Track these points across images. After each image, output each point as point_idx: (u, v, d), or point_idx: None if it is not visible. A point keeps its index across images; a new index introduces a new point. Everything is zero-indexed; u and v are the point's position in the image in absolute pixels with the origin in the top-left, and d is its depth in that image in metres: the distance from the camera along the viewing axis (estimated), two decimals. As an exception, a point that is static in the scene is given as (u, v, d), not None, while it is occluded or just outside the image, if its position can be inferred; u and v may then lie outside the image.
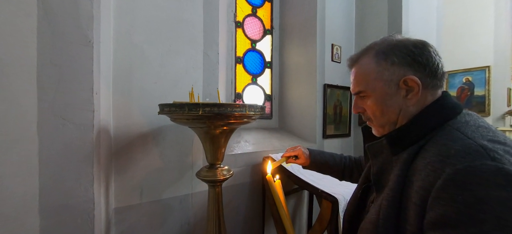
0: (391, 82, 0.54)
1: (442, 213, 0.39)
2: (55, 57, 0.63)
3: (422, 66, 0.52)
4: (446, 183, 0.40)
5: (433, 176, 0.42)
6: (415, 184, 0.45)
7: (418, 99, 0.53)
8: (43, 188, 0.62)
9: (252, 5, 1.93)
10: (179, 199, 1.18)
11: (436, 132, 0.49)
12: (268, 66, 2.03)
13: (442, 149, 0.44)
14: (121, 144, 1.00)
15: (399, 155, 0.52)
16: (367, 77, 0.57)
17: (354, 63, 0.61)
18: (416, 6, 1.98)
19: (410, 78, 0.52)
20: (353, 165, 0.97)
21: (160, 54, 1.10)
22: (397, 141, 0.53)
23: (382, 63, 0.54)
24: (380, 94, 0.55)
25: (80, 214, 0.66)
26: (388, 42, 0.56)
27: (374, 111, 0.58)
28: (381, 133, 0.60)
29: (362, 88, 0.59)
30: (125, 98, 1.01)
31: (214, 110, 0.73)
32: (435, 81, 0.53)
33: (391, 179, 0.51)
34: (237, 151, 1.46)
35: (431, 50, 0.53)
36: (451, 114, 0.51)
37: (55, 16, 0.63)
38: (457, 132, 0.46)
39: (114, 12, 0.97)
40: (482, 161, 0.39)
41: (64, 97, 0.64)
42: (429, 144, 0.48)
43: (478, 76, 3.81)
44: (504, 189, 0.36)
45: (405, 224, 0.46)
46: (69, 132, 0.64)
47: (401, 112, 0.54)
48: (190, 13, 1.20)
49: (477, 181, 0.38)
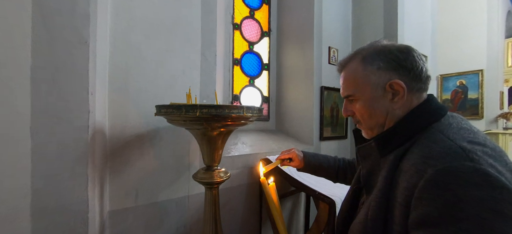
0: (378, 86, 0.56)
1: (424, 212, 0.41)
2: (50, 56, 0.62)
3: (406, 70, 0.54)
4: (427, 184, 0.41)
5: (416, 177, 0.44)
6: (400, 184, 0.47)
7: (404, 103, 0.55)
8: (35, 189, 0.60)
9: (249, 7, 1.93)
10: (175, 202, 1.17)
11: (421, 134, 0.51)
12: (265, 68, 2.04)
13: (425, 151, 0.46)
14: (117, 145, 0.99)
15: (386, 156, 0.54)
16: (355, 82, 0.59)
17: (343, 67, 0.63)
18: (412, 11, 2.01)
19: (395, 82, 0.54)
20: (347, 166, 0.98)
21: (157, 54, 1.10)
22: (384, 143, 0.55)
23: (369, 68, 0.57)
24: (368, 98, 0.57)
25: (74, 216, 0.64)
26: (374, 47, 0.58)
27: (362, 114, 0.60)
28: (370, 135, 0.62)
29: (350, 92, 0.61)
30: (121, 98, 1.00)
31: (211, 111, 0.73)
32: (420, 84, 0.55)
33: (379, 180, 0.52)
34: (234, 153, 1.45)
35: (415, 55, 0.55)
36: (436, 117, 0.52)
37: (50, 15, 0.62)
38: (440, 134, 0.48)
39: (111, 12, 0.96)
40: (461, 161, 0.41)
41: (59, 97, 0.63)
42: (414, 146, 0.50)
43: (471, 80, 3.89)
44: (481, 189, 0.38)
45: (392, 224, 0.47)
46: (63, 132, 0.63)
47: (388, 115, 0.56)
48: (187, 14, 1.20)
49: (456, 181, 0.40)
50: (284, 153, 1.01)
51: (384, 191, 0.50)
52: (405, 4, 1.92)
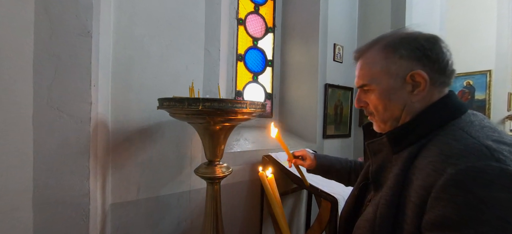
0: (398, 77, 0.52)
1: (441, 213, 0.38)
2: (53, 47, 0.62)
3: (431, 61, 0.50)
4: (447, 183, 0.39)
5: (434, 175, 0.41)
6: (415, 182, 0.44)
7: (423, 96, 0.51)
8: (37, 181, 0.60)
9: (254, 2, 1.91)
10: (177, 196, 1.17)
11: (439, 131, 0.48)
12: (269, 64, 2.02)
13: (445, 148, 0.43)
14: (119, 138, 0.99)
15: (399, 153, 0.51)
16: (372, 70, 0.55)
17: (361, 55, 0.58)
18: (420, 7, 1.96)
19: (417, 73, 0.50)
20: (359, 169, 0.93)
21: (160, 48, 1.09)
22: (398, 139, 0.51)
23: (390, 56, 0.52)
24: (385, 89, 0.53)
25: (75, 208, 0.64)
26: (398, 34, 0.54)
27: (376, 105, 0.56)
28: (382, 128, 0.59)
29: (366, 81, 0.56)
30: (124, 92, 0.99)
31: (214, 105, 0.72)
32: (443, 78, 0.51)
33: (390, 177, 0.50)
34: (236, 149, 1.44)
35: (443, 46, 0.51)
36: (456, 114, 0.49)
37: (53, 5, 0.62)
38: (461, 131, 0.45)
39: (114, 4, 0.95)
40: (486, 161, 0.38)
41: (61, 89, 0.63)
42: (431, 143, 0.47)
43: (479, 80, 3.80)
44: (508, 191, 0.36)
45: (403, 223, 0.45)
46: (65, 124, 0.63)
47: (405, 108, 0.53)
48: (192, 9, 1.18)
49: (480, 182, 0.37)
50: (296, 152, 0.98)
51: (396, 189, 0.47)
52: (413, 1, 1.87)
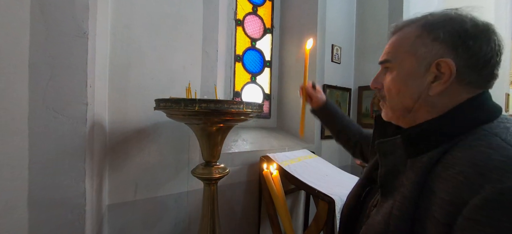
0: (423, 61, 0.44)
1: None
2: (48, 48, 0.62)
3: (469, 53, 0.42)
4: (486, 203, 0.33)
5: (467, 190, 0.35)
6: (438, 194, 0.38)
7: (443, 91, 0.43)
8: (32, 181, 0.60)
9: (252, 3, 1.91)
10: (175, 197, 1.17)
11: (467, 135, 0.41)
12: (267, 65, 2.02)
13: (479, 157, 0.36)
14: (116, 139, 0.99)
15: (416, 157, 0.43)
16: (400, 47, 0.48)
17: (398, 30, 0.51)
18: (418, 8, 1.97)
19: (445, 62, 0.42)
20: (364, 144, 0.86)
21: (158, 49, 1.09)
22: (416, 140, 0.44)
23: (424, 35, 0.45)
24: (405, 71, 0.47)
25: (71, 209, 0.64)
26: (445, 13, 0.46)
27: (390, 89, 0.49)
28: (389, 117, 0.53)
29: (389, 57, 0.50)
30: (122, 93, 0.99)
31: (210, 106, 0.72)
32: (476, 77, 0.43)
33: (404, 184, 0.43)
34: (234, 150, 1.44)
35: (494, 39, 0.42)
36: (488, 118, 0.42)
37: (49, 6, 0.62)
38: (497, 138, 0.38)
39: (111, 5, 0.95)
40: None
41: (57, 90, 0.63)
42: (457, 149, 0.40)
43: (477, 81, 3.82)
44: None
45: None
46: (60, 125, 0.63)
47: (419, 99, 0.46)
48: (189, 10, 1.19)
49: None
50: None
51: (412, 199, 0.41)
52: (411, 2, 1.88)
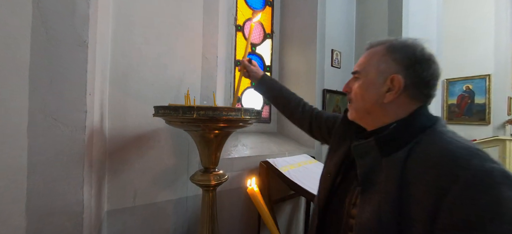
0: (382, 74, 0.57)
1: (465, 217, 0.41)
2: (49, 57, 0.63)
3: (415, 74, 0.54)
4: (465, 187, 0.42)
5: (446, 179, 0.44)
6: (419, 185, 0.47)
7: (393, 100, 0.56)
8: (31, 189, 0.61)
9: (253, 9, 1.93)
10: (174, 203, 1.17)
11: (422, 135, 0.52)
12: (267, 70, 2.03)
13: (447, 151, 0.46)
14: (116, 145, 0.99)
15: (389, 156, 0.53)
16: (369, 61, 0.60)
17: (370, 48, 0.63)
18: (417, 13, 1.98)
19: (397, 78, 0.55)
20: (312, 117, 0.95)
21: (158, 56, 1.10)
22: (387, 142, 0.54)
23: (387, 55, 0.57)
24: (369, 80, 0.59)
25: (69, 217, 0.65)
26: (403, 41, 0.58)
27: (357, 93, 0.62)
28: (353, 116, 0.65)
29: (359, 69, 0.62)
30: (122, 100, 1.00)
31: (208, 113, 0.72)
32: (418, 93, 0.56)
33: (384, 180, 0.51)
34: (234, 155, 1.44)
35: (433, 67, 0.55)
36: (432, 122, 0.55)
37: (50, 16, 0.63)
38: (446, 136, 0.50)
39: (112, 13, 0.97)
40: (488, 163, 0.43)
41: (56, 98, 0.63)
42: (421, 146, 0.51)
43: (478, 85, 3.81)
44: (511, 189, 0.40)
45: (409, 224, 0.47)
46: (59, 132, 0.63)
47: (376, 104, 0.58)
48: (189, 16, 1.20)
49: (493, 183, 0.41)
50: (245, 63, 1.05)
51: (396, 192, 0.49)
52: (410, 6, 1.89)
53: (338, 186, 0.67)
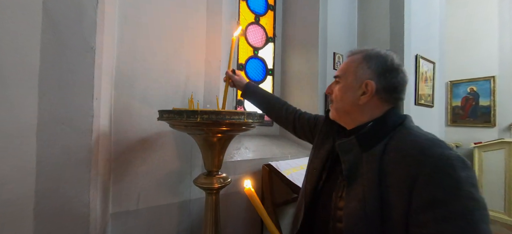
0: (359, 80, 0.65)
1: (431, 196, 0.49)
2: (57, 63, 0.64)
3: (385, 80, 0.63)
4: (430, 172, 0.50)
5: (416, 166, 0.51)
6: (395, 174, 0.54)
7: (367, 103, 0.64)
8: (39, 192, 0.62)
9: (255, 13, 1.95)
10: (177, 205, 1.17)
11: (394, 132, 0.60)
12: (270, 73, 2.04)
13: (415, 144, 0.55)
14: (121, 149, 1.01)
15: (369, 151, 0.60)
16: (348, 68, 0.69)
17: (350, 55, 0.72)
18: (419, 16, 1.98)
19: (370, 83, 0.63)
20: (303, 122, 1.02)
21: (162, 60, 1.12)
22: (367, 138, 0.61)
23: (363, 63, 0.66)
24: (347, 85, 0.67)
25: (75, 219, 0.66)
26: (378, 51, 0.67)
27: (337, 95, 0.70)
28: (334, 116, 0.73)
29: (340, 74, 0.71)
30: (126, 104, 1.02)
31: (212, 117, 0.73)
32: (388, 97, 0.65)
33: (366, 172, 0.58)
34: (237, 158, 1.45)
35: (400, 76, 0.65)
36: (401, 120, 0.63)
37: (59, 24, 0.65)
38: (413, 130, 0.59)
39: (118, 20, 0.99)
40: (447, 151, 0.52)
41: (64, 103, 0.65)
42: (394, 141, 0.59)
43: (483, 87, 3.77)
44: (464, 170, 0.49)
45: (389, 209, 0.53)
46: (67, 136, 0.65)
47: (353, 105, 0.66)
48: (193, 21, 1.22)
49: (452, 166, 0.49)
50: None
51: (376, 182, 0.56)
52: (412, 9, 1.89)
53: (324, 181, 0.73)
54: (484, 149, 3.10)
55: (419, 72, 1.93)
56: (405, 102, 1.80)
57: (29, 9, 0.62)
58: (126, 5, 1.01)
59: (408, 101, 1.84)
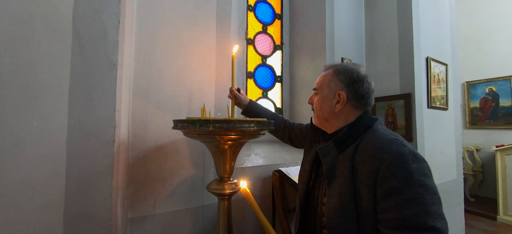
0: (332, 91, 0.77)
1: (389, 186, 0.58)
2: (84, 80, 0.71)
3: (353, 90, 0.74)
4: (388, 166, 0.59)
5: (377, 162, 0.61)
6: (363, 170, 0.64)
7: (341, 110, 0.75)
8: (68, 197, 0.68)
9: (262, 23, 2.01)
10: (190, 211, 1.21)
11: (364, 134, 0.70)
12: (278, 80, 2.08)
13: (377, 144, 0.65)
14: (138, 156, 1.07)
15: (343, 153, 0.69)
16: (323, 81, 0.80)
17: (325, 70, 0.83)
18: (428, 18, 1.96)
19: (341, 93, 0.75)
20: (297, 132, 1.12)
21: (175, 72, 1.18)
22: (342, 142, 0.71)
23: (335, 76, 0.77)
24: (324, 95, 0.79)
25: (100, 223, 0.71)
26: (346, 65, 0.79)
27: (317, 105, 0.81)
28: (315, 122, 0.85)
29: (317, 86, 0.82)
30: (143, 114, 1.09)
31: (223, 126, 0.77)
32: (358, 103, 0.75)
33: (341, 171, 0.68)
34: (247, 164, 1.48)
35: (366, 85, 0.75)
36: (371, 123, 0.73)
37: (86, 44, 0.72)
38: (379, 132, 0.68)
39: (135, 37, 1.07)
40: (401, 147, 0.61)
41: (90, 115, 0.71)
42: (363, 142, 0.68)
43: (502, 86, 3.60)
44: (415, 162, 0.59)
45: (360, 201, 0.63)
46: (93, 146, 0.71)
47: (330, 113, 0.77)
48: (203, 34, 1.29)
49: (404, 160, 0.59)
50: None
51: (350, 178, 0.65)
52: (420, 11, 1.88)
53: (313, 181, 0.83)
54: (507, 152, 2.94)
55: (430, 75, 1.89)
56: (418, 105, 1.77)
57: (61, 31, 0.70)
58: (142, 23, 1.09)
59: (420, 105, 1.80)
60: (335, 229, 0.66)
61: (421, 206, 0.55)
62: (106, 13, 0.75)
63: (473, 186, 3.69)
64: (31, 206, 0.64)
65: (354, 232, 0.63)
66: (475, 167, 3.69)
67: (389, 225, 0.57)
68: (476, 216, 3.08)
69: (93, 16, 0.73)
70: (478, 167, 3.68)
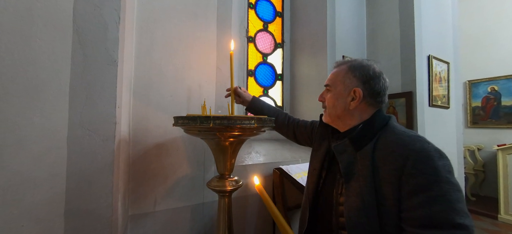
0: (347, 87, 0.74)
1: (415, 183, 0.57)
2: (85, 76, 0.71)
3: (370, 87, 0.72)
4: (413, 163, 0.58)
5: (401, 159, 0.60)
6: (385, 168, 0.62)
7: (356, 107, 0.73)
8: (69, 193, 0.68)
9: (263, 20, 2.00)
10: (191, 208, 1.22)
11: (381, 132, 0.68)
12: (279, 78, 2.07)
13: (399, 141, 0.63)
14: (138, 153, 1.07)
15: (361, 150, 0.67)
16: (336, 78, 0.77)
17: (337, 66, 0.80)
18: (430, 16, 1.94)
19: (357, 90, 0.72)
20: (302, 129, 1.10)
21: (176, 69, 1.18)
22: (359, 140, 0.69)
23: (349, 73, 0.75)
24: (338, 92, 0.76)
25: (100, 219, 0.71)
26: (361, 62, 0.76)
27: (329, 102, 0.78)
28: (327, 120, 0.82)
29: (330, 83, 0.79)
30: (143, 111, 1.09)
31: (224, 122, 0.77)
32: (374, 100, 0.73)
33: (360, 169, 0.66)
34: (248, 162, 1.48)
35: (382, 82, 0.73)
36: (387, 120, 0.72)
37: (86, 40, 0.72)
38: (397, 129, 0.67)
39: (135, 33, 1.07)
40: (426, 145, 0.60)
41: (91, 111, 0.71)
42: (382, 139, 0.67)
43: (504, 85, 3.58)
44: (440, 159, 0.58)
45: (383, 200, 0.61)
46: (93, 142, 0.71)
47: (344, 110, 0.75)
48: (204, 31, 1.28)
49: (430, 157, 0.58)
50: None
51: (371, 177, 0.63)
52: (422, 9, 1.86)
53: (324, 180, 0.80)
54: (509, 151, 2.93)
55: (432, 73, 1.88)
56: (419, 104, 1.76)
57: (61, 27, 0.70)
58: (142, 19, 1.09)
59: (421, 103, 1.79)
60: (356, 229, 0.63)
61: (448, 203, 0.54)
62: (107, 9, 0.75)
63: (474, 185, 3.69)
64: (32, 201, 0.64)
65: (376, 231, 0.61)
66: (476, 166, 3.68)
67: (415, 223, 0.56)
68: (477, 215, 3.08)
69: (94, 12, 0.73)
70: (479, 166, 3.67)
